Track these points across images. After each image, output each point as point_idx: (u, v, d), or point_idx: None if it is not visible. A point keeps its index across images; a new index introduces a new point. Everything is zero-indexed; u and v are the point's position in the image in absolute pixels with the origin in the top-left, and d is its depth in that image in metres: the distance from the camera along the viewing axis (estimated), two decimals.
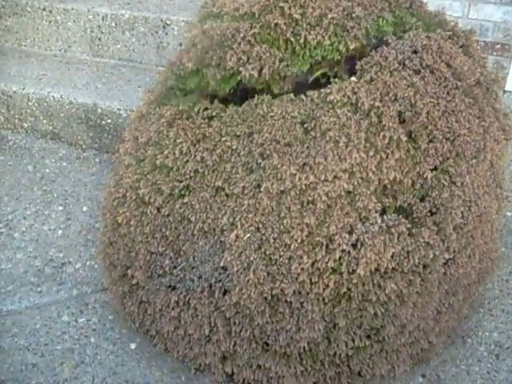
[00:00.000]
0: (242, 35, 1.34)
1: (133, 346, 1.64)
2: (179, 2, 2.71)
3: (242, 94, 1.41)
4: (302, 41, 1.36)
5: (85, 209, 2.12)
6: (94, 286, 1.81)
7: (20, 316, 1.71)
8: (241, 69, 1.33)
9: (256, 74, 1.32)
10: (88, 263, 1.88)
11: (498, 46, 2.43)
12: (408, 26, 1.46)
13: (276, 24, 1.36)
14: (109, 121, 2.33)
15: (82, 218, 2.07)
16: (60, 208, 2.13)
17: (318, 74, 1.39)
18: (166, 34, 2.52)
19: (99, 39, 2.64)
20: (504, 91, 2.47)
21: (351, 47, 1.36)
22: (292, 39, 1.37)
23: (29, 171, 2.32)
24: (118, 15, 2.56)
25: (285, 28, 1.36)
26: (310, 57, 1.38)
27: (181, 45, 2.48)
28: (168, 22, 2.50)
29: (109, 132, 2.35)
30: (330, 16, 1.35)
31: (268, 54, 1.34)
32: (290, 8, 1.36)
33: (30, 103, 2.44)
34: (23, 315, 1.71)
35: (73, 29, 2.66)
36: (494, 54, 2.44)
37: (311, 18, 1.36)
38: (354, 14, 1.38)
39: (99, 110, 2.32)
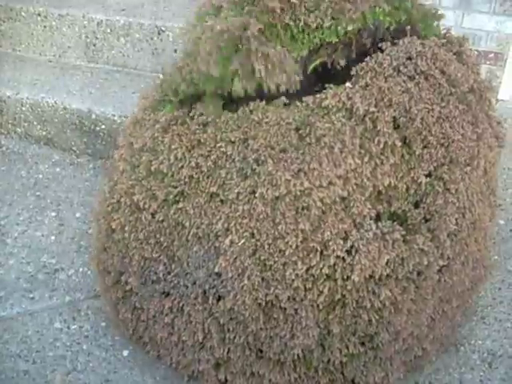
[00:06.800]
0: (250, 31, 1.30)
1: (125, 353, 1.63)
2: (174, 8, 2.72)
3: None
4: (301, 24, 1.35)
5: (78, 215, 2.11)
6: (87, 293, 1.80)
7: (12, 322, 1.70)
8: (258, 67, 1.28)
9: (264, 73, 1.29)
10: (81, 269, 1.88)
11: (491, 55, 2.45)
12: (403, 17, 1.45)
13: (274, 9, 1.34)
14: (103, 127, 2.32)
15: (75, 224, 2.07)
16: (53, 214, 2.12)
17: (317, 62, 1.38)
18: (161, 40, 2.52)
19: (94, 45, 2.63)
20: (497, 100, 2.49)
21: (349, 28, 1.36)
22: (291, 23, 1.36)
23: (22, 177, 2.31)
24: (113, 21, 2.56)
25: (283, 13, 1.34)
26: (309, 41, 1.37)
27: (176, 51, 2.48)
28: (163, 29, 2.50)
29: (103, 138, 2.35)
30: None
31: (273, 51, 1.30)
32: None
33: (23, 108, 2.43)
34: (15, 321, 1.70)
35: (68, 34, 2.65)
36: (487, 63, 2.46)
37: (309, 2, 1.36)
38: None
39: (93, 116, 2.32)
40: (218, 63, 1.31)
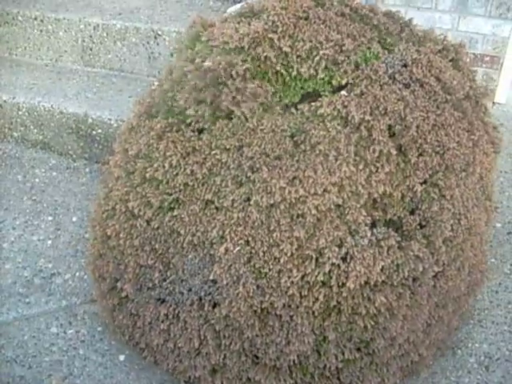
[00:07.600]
0: (235, 70, 1.33)
1: (122, 357, 1.63)
2: (171, 12, 2.71)
3: None
4: (294, 73, 1.36)
5: (74, 219, 2.11)
6: (83, 297, 1.79)
7: (8, 327, 1.70)
8: (234, 108, 1.32)
9: (248, 113, 1.32)
10: (77, 274, 1.87)
11: (487, 58, 2.45)
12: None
13: (266, 57, 1.35)
14: (99, 131, 2.32)
15: (71, 229, 2.06)
16: (50, 218, 2.11)
17: None
18: (158, 44, 2.52)
19: (90, 49, 2.63)
20: (493, 103, 2.49)
21: (343, 82, 1.36)
22: (283, 71, 1.37)
23: (18, 181, 2.30)
24: (110, 25, 2.55)
25: (275, 61, 1.35)
26: (302, 88, 1.38)
27: (172, 55, 2.48)
28: (159, 33, 2.50)
29: (99, 142, 2.34)
30: (321, 52, 1.35)
31: (262, 90, 1.33)
32: (279, 40, 1.36)
33: (20, 112, 2.42)
34: (11, 326, 1.70)
35: (64, 38, 2.65)
36: (484, 66, 2.47)
37: (301, 51, 1.36)
38: (344, 47, 1.37)
39: (90, 120, 2.32)
40: (191, 97, 1.36)
